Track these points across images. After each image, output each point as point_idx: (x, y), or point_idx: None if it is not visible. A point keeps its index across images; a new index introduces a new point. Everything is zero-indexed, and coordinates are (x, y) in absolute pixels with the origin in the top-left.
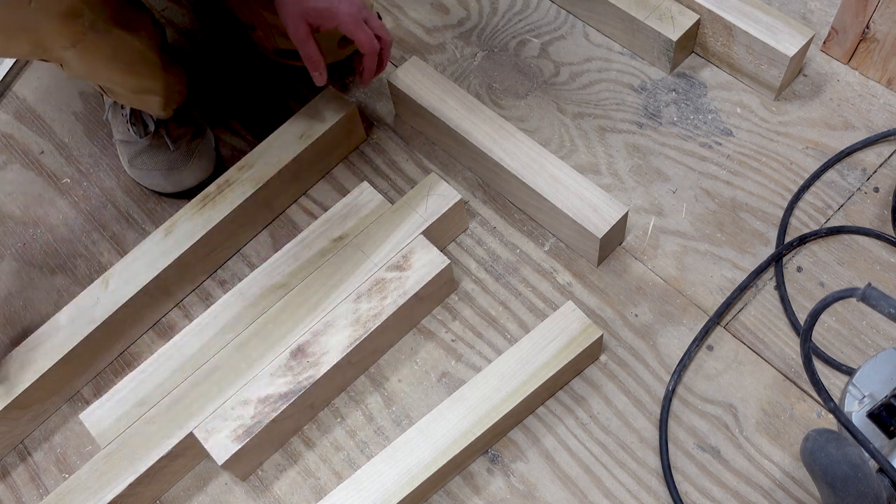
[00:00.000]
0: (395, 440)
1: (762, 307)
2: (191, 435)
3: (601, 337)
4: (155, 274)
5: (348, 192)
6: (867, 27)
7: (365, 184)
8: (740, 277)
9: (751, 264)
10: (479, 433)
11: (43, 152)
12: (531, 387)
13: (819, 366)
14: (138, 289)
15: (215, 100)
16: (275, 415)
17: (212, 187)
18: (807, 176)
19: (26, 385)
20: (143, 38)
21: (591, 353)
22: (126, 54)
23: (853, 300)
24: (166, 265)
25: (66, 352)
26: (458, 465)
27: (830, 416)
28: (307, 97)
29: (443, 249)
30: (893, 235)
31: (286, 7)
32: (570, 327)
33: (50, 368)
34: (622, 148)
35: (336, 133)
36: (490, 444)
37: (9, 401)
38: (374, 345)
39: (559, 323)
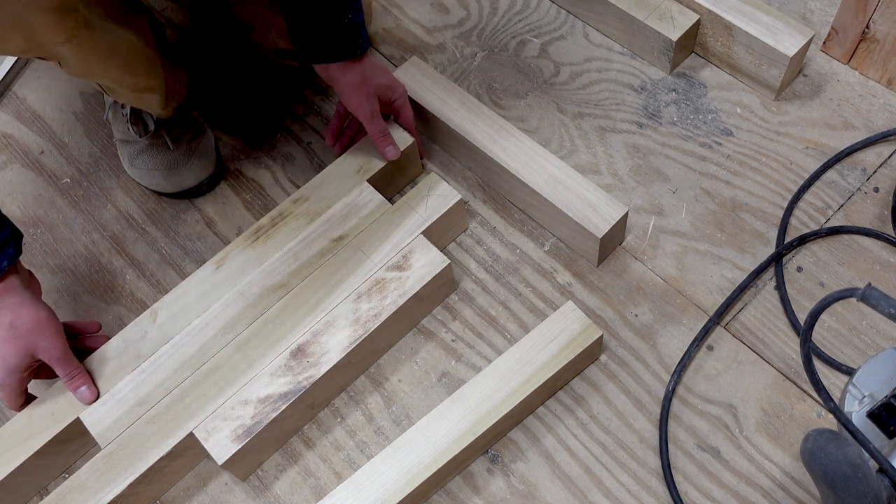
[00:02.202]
0: (395, 440)
1: (762, 307)
2: (191, 435)
3: (601, 337)
4: (205, 310)
5: None
6: (867, 27)
7: (365, 184)
8: (740, 277)
9: (751, 264)
10: (479, 433)
11: (43, 152)
12: (531, 387)
13: (819, 366)
14: (187, 325)
15: (215, 100)
16: (275, 415)
17: (265, 220)
18: (807, 176)
19: (71, 420)
20: (140, 35)
21: (591, 353)
22: (123, 51)
23: (853, 300)
24: (217, 300)
25: (111, 388)
26: (458, 465)
27: (830, 416)
28: (307, 97)
29: (443, 249)
30: (893, 235)
31: (360, 89)
32: (570, 327)
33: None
34: (622, 148)
35: (394, 166)
36: (490, 444)
37: (52, 435)
38: (374, 345)
39: (559, 323)
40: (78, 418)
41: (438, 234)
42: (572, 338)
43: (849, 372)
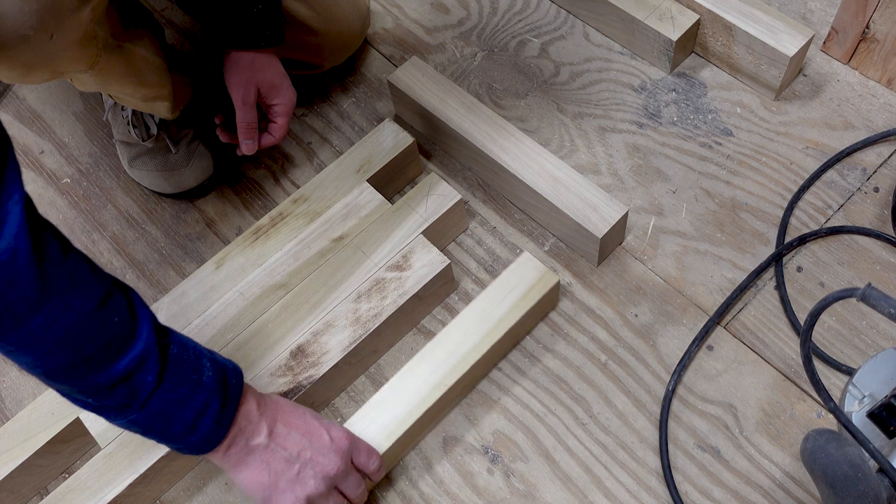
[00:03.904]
0: (369, 400)
1: (762, 307)
2: None
3: (558, 283)
4: (205, 310)
5: None
6: (867, 27)
7: (365, 184)
8: (740, 277)
9: (751, 264)
10: (450, 384)
11: (43, 152)
12: (495, 337)
13: (819, 366)
14: (188, 325)
15: (216, 100)
16: None
17: (265, 220)
18: (807, 176)
19: (71, 420)
20: (149, 46)
21: (551, 301)
22: (137, 66)
23: (853, 300)
24: (217, 300)
25: None
26: (433, 418)
27: (830, 416)
28: (307, 98)
29: (443, 249)
30: (893, 235)
31: (243, 73)
32: (528, 276)
33: None
34: (622, 148)
35: (394, 166)
36: (462, 396)
37: (52, 435)
38: (374, 345)
39: (516, 273)
40: (78, 418)
41: (438, 234)
42: (530, 286)
43: (849, 372)
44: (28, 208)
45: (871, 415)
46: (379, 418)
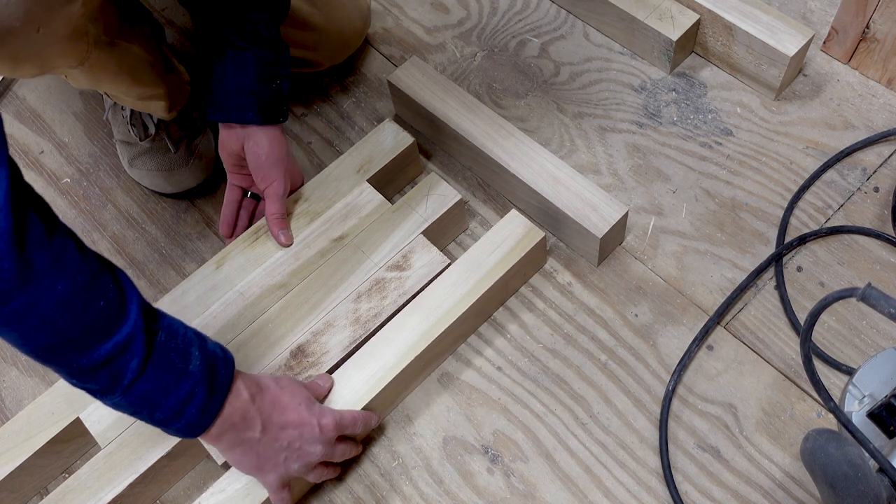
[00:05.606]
0: (361, 347)
1: (762, 307)
2: None
3: (544, 239)
4: (205, 310)
5: None
6: (867, 27)
7: (365, 184)
8: (740, 277)
9: (751, 264)
10: (437, 333)
11: (43, 152)
12: (482, 288)
13: (819, 366)
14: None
15: None
16: None
17: (265, 220)
18: (807, 176)
19: (71, 420)
20: (145, 45)
21: (537, 259)
22: (130, 64)
23: (853, 300)
24: (217, 300)
25: None
26: (422, 367)
27: (830, 416)
28: (307, 98)
29: (443, 249)
30: (893, 235)
31: (281, 164)
32: (515, 232)
33: None
34: (622, 148)
35: (394, 166)
36: (453, 345)
37: (52, 435)
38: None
39: (504, 229)
40: (78, 418)
41: (438, 233)
42: (517, 241)
43: (849, 372)
44: (14, 185)
45: (871, 415)
46: (368, 366)
